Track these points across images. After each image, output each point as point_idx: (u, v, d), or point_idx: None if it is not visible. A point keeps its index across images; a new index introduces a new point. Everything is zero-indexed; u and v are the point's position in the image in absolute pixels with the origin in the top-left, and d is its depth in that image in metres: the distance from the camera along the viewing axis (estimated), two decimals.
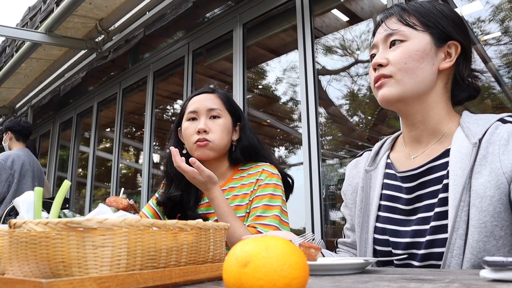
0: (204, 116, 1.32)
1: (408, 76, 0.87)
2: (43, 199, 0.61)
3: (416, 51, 0.88)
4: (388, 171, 0.98)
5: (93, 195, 5.18)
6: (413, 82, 0.87)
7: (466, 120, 0.89)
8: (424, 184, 0.89)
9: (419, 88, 0.88)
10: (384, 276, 0.62)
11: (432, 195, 0.87)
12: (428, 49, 0.88)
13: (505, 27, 2.59)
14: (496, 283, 0.48)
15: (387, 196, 0.95)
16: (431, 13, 0.91)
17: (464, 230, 0.79)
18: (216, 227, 0.65)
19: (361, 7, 3.26)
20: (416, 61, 0.87)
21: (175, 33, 4.26)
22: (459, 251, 0.78)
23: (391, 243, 0.91)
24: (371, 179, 1.00)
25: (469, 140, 0.84)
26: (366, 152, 1.09)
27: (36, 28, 5.41)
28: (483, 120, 0.87)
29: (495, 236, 0.76)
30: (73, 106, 5.80)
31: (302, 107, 2.81)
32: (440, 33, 0.89)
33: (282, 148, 4.98)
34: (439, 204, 0.84)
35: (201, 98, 1.36)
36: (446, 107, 0.92)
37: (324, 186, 2.71)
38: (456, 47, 0.90)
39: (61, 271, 0.49)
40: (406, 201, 0.91)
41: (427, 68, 0.88)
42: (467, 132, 0.85)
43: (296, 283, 0.39)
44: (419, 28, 0.90)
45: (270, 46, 3.87)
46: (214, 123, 1.31)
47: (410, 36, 0.89)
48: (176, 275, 0.55)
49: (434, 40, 0.89)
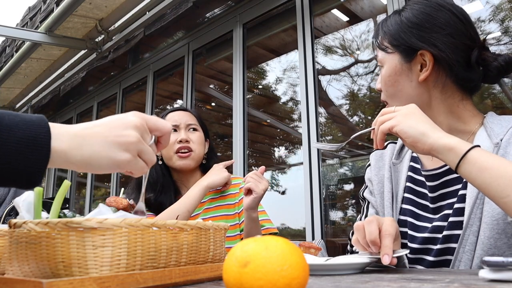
0: (184, 129, 1.44)
1: (394, 101, 0.92)
2: (43, 199, 0.61)
3: (388, 76, 0.91)
4: (414, 164, 0.98)
5: (93, 195, 5.18)
6: (400, 103, 0.88)
7: (490, 120, 0.88)
8: (449, 182, 0.89)
9: None
10: (384, 276, 0.62)
11: (454, 194, 0.87)
12: (398, 69, 0.90)
13: (505, 27, 2.59)
14: (496, 283, 0.48)
15: (411, 189, 0.96)
16: (395, 31, 0.91)
17: (477, 227, 0.79)
18: (216, 227, 0.65)
19: (361, 7, 3.25)
20: (391, 86, 0.91)
21: (175, 33, 4.26)
22: (471, 247, 0.79)
23: (408, 236, 0.91)
24: (397, 172, 1.00)
25: (491, 140, 0.84)
26: (390, 145, 1.07)
27: (36, 28, 5.40)
28: (506, 121, 0.86)
29: (507, 234, 0.77)
30: (73, 106, 5.80)
31: (302, 107, 2.81)
32: (406, 48, 0.89)
33: (282, 148, 4.98)
34: (459, 201, 0.85)
35: (179, 113, 1.49)
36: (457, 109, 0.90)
37: (324, 186, 2.71)
38: (428, 54, 0.87)
39: (61, 271, 0.49)
40: (431, 199, 0.92)
41: (405, 86, 0.90)
42: (489, 132, 0.85)
43: (296, 283, 0.39)
44: (389, 51, 0.92)
45: (270, 46, 3.87)
46: (194, 134, 1.45)
47: (384, 61, 0.93)
48: (176, 275, 0.55)
49: (403, 57, 0.89)
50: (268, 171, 4.51)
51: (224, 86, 4.45)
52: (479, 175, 0.68)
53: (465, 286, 0.47)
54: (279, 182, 4.28)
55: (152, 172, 1.42)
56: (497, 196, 0.67)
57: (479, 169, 0.68)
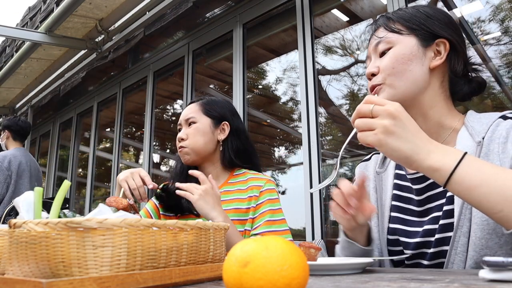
0: (185, 127, 1.44)
1: (398, 79, 0.89)
2: (43, 199, 0.61)
3: (402, 55, 0.89)
4: (399, 171, 0.99)
5: (93, 195, 5.18)
6: (404, 84, 0.88)
7: (470, 119, 0.89)
8: (434, 184, 0.89)
9: (412, 90, 0.89)
10: (384, 276, 0.62)
11: (442, 195, 0.87)
12: (415, 50, 0.89)
13: (505, 27, 2.59)
14: (496, 283, 0.48)
15: (398, 196, 0.97)
16: (414, 17, 0.92)
17: (468, 228, 0.79)
18: (216, 227, 0.65)
19: (361, 7, 3.26)
20: (403, 64, 0.89)
21: (175, 33, 4.26)
22: (463, 248, 0.79)
23: (401, 243, 0.92)
24: (382, 181, 1.01)
25: (473, 139, 0.84)
26: (374, 156, 1.10)
27: (36, 28, 5.41)
28: (486, 118, 0.87)
29: (497, 234, 0.77)
30: (73, 106, 5.80)
31: (302, 107, 2.81)
32: (425, 33, 0.91)
33: (282, 148, 4.98)
34: (447, 203, 0.85)
35: (185, 110, 1.47)
36: (446, 105, 0.92)
37: (324, 186, 2.71)
38: (444, 44, 0.90)
39: (61, 271, 0.49)
40: (417, 203, 0.92)
41: (416, 69, 0.89)
42: (471, 131, 0.86)
43: (296, 283, 0.39)
44: (404, 32, 0.91)
45: (270, 46, 3.87)
46: (190, 128, 1.42)
47: (396, 42, 0.91)
48: (176, 275, 0.55)
49: (420, 41, 0.90)
50: (268, 171, 4.51)
51: (224, 86, 4.45)
52: (468, 194, 0.67)
53: (465, 286, 0.47)
54: (279, 182, 4.28)
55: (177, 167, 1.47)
56: (490, 212, 0.67)
57: (467, 188, 0.67)
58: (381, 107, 0.70)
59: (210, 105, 1.46)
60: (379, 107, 0.70)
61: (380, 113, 0.69)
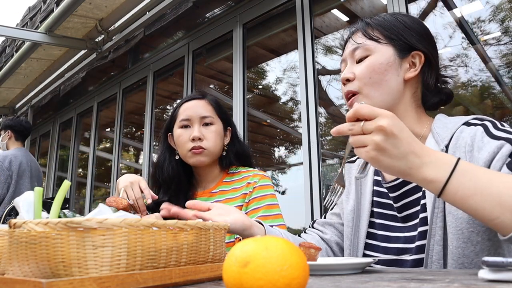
0: (197, 124, 1.33)
1: (374, 90, 0.89)
2: (43, 199, 0.61)
3: (379, 64, 0.89)
4: (376, 177, 1.00)
5: (93, 195, 5.18)
6: (380, 95, 0.89)
7: (436, 125, 0.89)
8: (408, 192, 0.90)
9: (387, 100, 0.89)
10: (384, 276, 0.62)
11: (417, 202, 0.88)
12: (391, 61, 0.90)
13: (505, 27, 2.59)
14: (496, 284, 0.48)
15: (377, 203, 0.97)
16: (393, 26, 0.92)
17: (441, 236, 0.80)
18: (216, 227, 0.65)
19: (361, 7, 3.25)
20: (380, 74, 0.89)
21: (175, 33, 4.26)
22: (438, 256, 0.80)
23: (381, 248, 0.92)
24: (361, 186, 1.02)
25: (438, 146, 0.84)
26: (358, 159, 1.10)
27: (36, 28, 5.41)
28: (452, 123, 0.87)
29: (473, 242, 0.77)
30: (73, 106, 5.80)
31: (302, 107, 2.81)
32: (403, 45, 0.91)
33: (282, 148, 4.98)
34: (422, 211, 0.85)
35: (192, 105, 1.36)
36: (416, 114, 0.93)
37: (324, 186, 2.71)
38: (420, 57, 0.91)
39: (61, 271, 0.49)
40: (397, 209, 0.93)
41: (392, 79, 0.89)
42: (436, 138, 0.86)
43: (296, 283, 0.39)
44: (382, 41, 0.91)
45: (270, 46, 3.87)
46: (208, 130, 1.33)
47: (374, 50, 0.91)
48: (176, 275, 0.55)
49: (397, 52, 0.90)
50: (268, 171, 4.51)
51: (224, 86, 4.45)
52: (464, 203, 0.66)
53: (465, 286, 0.47)
54: (279, 182, 4.28)
55: (168, 169, 1.36)
56: (486, 219, 0.66)
57: (462, 197, 0.66)
58: (371, 122, 0.67)
59: (220, 107, 1.41)
60: (370, 124, 0.67)
61: (371, 130, 0.67)
